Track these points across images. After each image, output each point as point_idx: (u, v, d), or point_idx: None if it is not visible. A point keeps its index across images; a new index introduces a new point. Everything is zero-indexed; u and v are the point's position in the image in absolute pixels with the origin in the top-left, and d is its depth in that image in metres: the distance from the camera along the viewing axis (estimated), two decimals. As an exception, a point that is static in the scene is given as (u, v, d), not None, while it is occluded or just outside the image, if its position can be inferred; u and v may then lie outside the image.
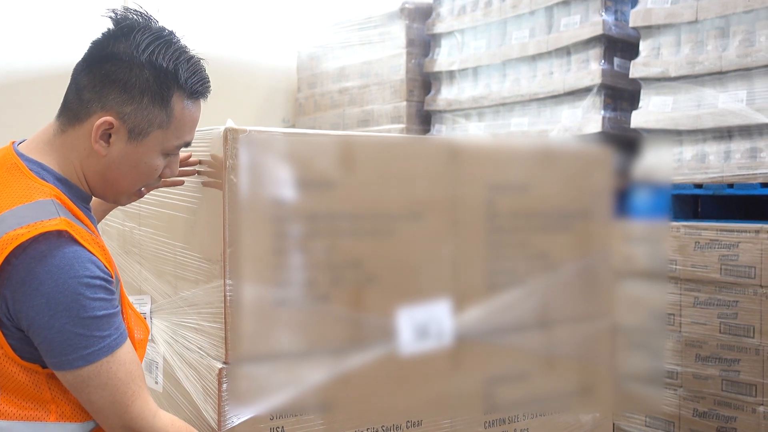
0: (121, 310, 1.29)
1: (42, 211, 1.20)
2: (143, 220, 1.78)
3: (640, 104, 2.81)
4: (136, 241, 1.82)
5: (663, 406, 2.60)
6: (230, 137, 1.43)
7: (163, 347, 1.67)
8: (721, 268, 2.46)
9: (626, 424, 2.74)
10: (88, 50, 1.31)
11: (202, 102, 1.37)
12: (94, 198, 1.41)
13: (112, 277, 1.24)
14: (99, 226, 2.07)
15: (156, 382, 1.70)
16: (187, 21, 4.24)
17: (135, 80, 1.26)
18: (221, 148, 1.43)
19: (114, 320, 1.22)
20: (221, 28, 4.37)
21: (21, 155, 1.28)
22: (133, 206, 1.81)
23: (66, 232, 1.18)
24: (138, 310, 1.73)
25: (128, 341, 1.26)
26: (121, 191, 1.37)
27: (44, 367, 1.22)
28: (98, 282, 1.20)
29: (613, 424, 2.75)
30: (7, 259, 1.15)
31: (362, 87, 4.03)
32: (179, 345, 1.61)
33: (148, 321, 1.73)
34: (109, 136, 1.27)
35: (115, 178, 1.32)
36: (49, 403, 1.23)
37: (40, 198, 1.22)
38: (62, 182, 1.28)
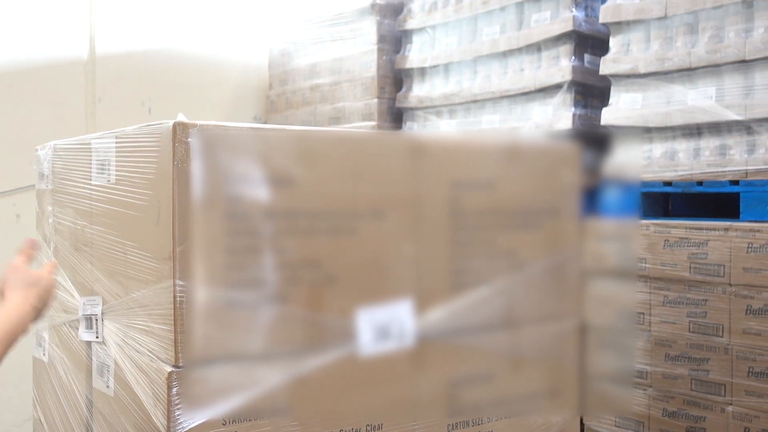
0: None
1: None
2: (94, 218, 1.72)
3: (610, 101, 2.78)
4: (87, 240, 1.76)
5: (633, 406, 2.58)
6: (180, 131, 1.38)
7: (114, 350, 1.62)
8: (690, 267, 2.44)
9: (596, 424, 2.71)
10: None
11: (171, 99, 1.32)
12: None
13: None
14: (50, 223, 2.01)
15: (107, 386, 1.65)
16: (156, 16, 4.17)
17: None
18: (170, 142, 1.38)
19: None
20: (191, 23, 4.30)
21: None
22: (85, 204, 1.76)
23: None
24: (89, 311, 1.68)
25: None
26: None
27: None
28: None
29: (583, 425, 2.73)
30: None
31: (334, 84, 3.98)
32: (130, 348, 1.55)
33: (99, 323, 1.68)
34: None
35: None
36: None
37: None
38: None
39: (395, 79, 3.80)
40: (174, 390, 1.39)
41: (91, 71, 3.98)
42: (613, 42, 2.77)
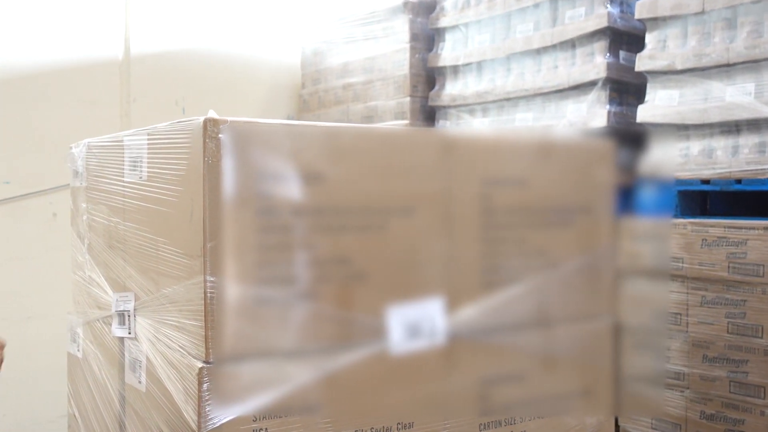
0: None
1: None
2: (127, 215, 1.73)
3: (646, 98, 2.74)
4: (120, 237, 1.77)
5: (669, 409, 2.54)
6: (210, 128, 1.38)
7: (146, 346, 1.62)
8: (728, 267, 2.39)
9: (632, 426, 2.67)
10: None
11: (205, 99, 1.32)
12: None
13: None
14: (85, 220, 2.03)
15: (139, 382, 1.66)
16: (190, 16, 4.20)
17: None
18: (201, 138, 1.38)
19: None
20: (224, 23, 4.32)
21: None
22: (118, 201, 1.77)
23: None
24: (122, 307, 1.69)
25: None
26: None
27: None
28: None
29: (619, 427, 2.69)
30: None
31: (366, 83, 3.98)
32: (161, 344, 1.56)
33: (131, 319, 1.69)
34: None
35: None
36: None
37: None
38: None
39: (428, 77, 3.78)
40: (205, 386, 1.39)
41: (126, 71, 4.02)
42: (650, 38, 2.73)
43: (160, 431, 1.56)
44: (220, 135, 1.39)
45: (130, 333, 1.70)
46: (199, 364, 1.40)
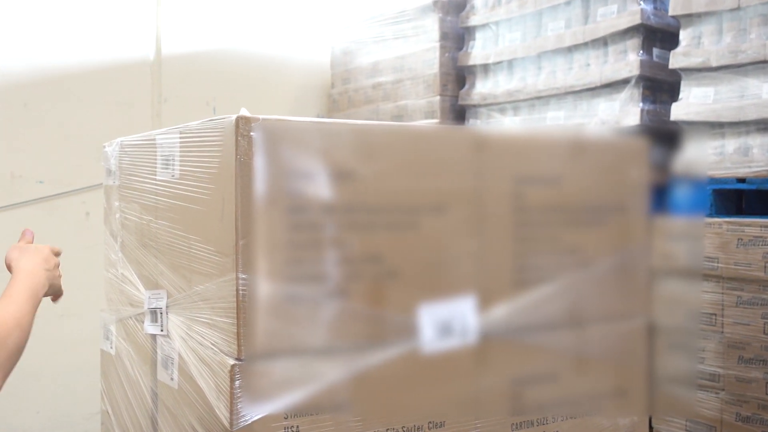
0: None
1: None
2: (159, 213, 1.74)
3: (680, 96, 2.71)
4: (153, 234, 1.79)
5: (704, 410, 2.50)
6: (242, 125, 1.38)
7: (178, 343, 1.63)
8: (765, 266, 2.35)
9: (666, 428, 2.64)
10: None
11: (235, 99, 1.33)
12: None
13: None
14: (117, 219, 2.04)
15: (171, 379, 1.66)
16: (220, 16, 4.23)
17: None
18: (233, 136, 1.39)
19: None
20: (254, 24, 4.34)
21: None
22: (150, 199, 1.78)
23: None
24: (154, 305, 1.70)
25: None
26: None
27: None
28: None
29: (652, 429, 2.66)
30: None
31: (396, 82, 3.97)
32: (193, 341, 1.57)
33: (163, 316, 1.70)
34: None
35: None
36: None
37: None
38: None
39: (458, 76, 3.77)
40: (236, 383, 1.40)
41: (158, 72, 4.05)
42: (684, 35, 2.69)
43: (192, 428, 1.57)
44: (252, 133, 1.39)
45: (162, 330, 1.71)
46: (231, 361, 1.40)
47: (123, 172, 2.00)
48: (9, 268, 1.60)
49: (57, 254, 1.72)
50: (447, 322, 1.60)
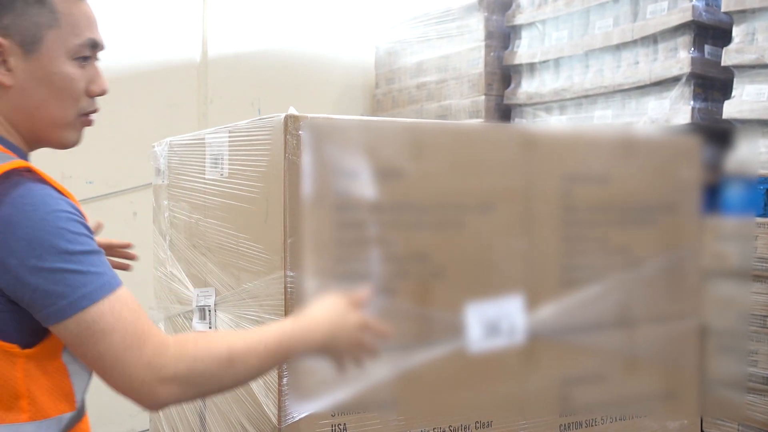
0: None
1: None
2: (208, 211, 1.76)
3: (733, 93, 2.65)
4: (201, 233, 1.80)
5: (756, 414, 2.44)
6: (291, 124, 1.39)
7: (227, 340, 1.64)
8: (820, 268, 2.29)
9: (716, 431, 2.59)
10: None
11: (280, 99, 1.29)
12: None
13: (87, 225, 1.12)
14: (166, 217, 2.06)
15: (220, 376, 1.68)
16: (265, 17, 4.26)
17: None
18: (282, 135, 1.39)
19: (104, 259, 1.09)
20: (298, 24, 4.37)
21: None
22: (199, 198, 1.80)
23: (28, 169, 1.09)
24: (203, 302, 1.71)
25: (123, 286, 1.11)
26: (56, 122, 1.20)
27: (23, 346, 1.09)
28: (76, 218, 1.07)
29: (702, 432, 2.61)
30: None
31: (440, 82, 3.96)
32: (241, 338, 1.58)
33: (212, 313, 1.71)
34: (5, 61, 1.14)
35: (38, 107, 1.17)
36: (21, 398, 1.09)
37: None
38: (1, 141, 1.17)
39: (503, 75, 3.74)
40: (284, 381, 1.40)
41: (204, 73, 4.09)
42: (737, 31, 2.63)
43: (240, 425, 1.58)
44: (300, 131, 1.40)
45: (210, 327, 1.73)
46: (279, 359, 1.41)
47: (172, 171, 2.02)
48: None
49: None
50: (494, 321, 1.58)
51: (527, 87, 3.56)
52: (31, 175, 1.08)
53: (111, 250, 1.61)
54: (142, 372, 1.06)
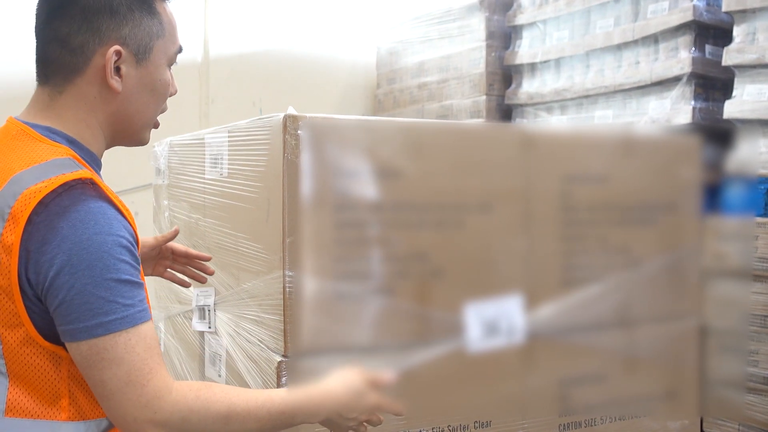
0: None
1: (60, 167, 1.11)
2: (208, 211, 1.76)
3: (734, 93, 2.65)
4: (201, 233, 1.80)
5: (757, 414, 2.44)
6: (290, 124, 1.39)
7: (226, 340, 1.64)
8: (821, 268, 2.29)
9: (716, 432, 2.58)
10: (41, 3, 1.20)
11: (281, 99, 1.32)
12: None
13: (137, 247, 1.14)
14: (166, 217, 2.06)
15: (219, 375, 1.68)
16: (266, 18, 4.26)
17: None
18: (281, 135, 1.39)
19: (139, 291, 1.10)
20: (299, 25, 4.37)
21: (26, 122, 1.20)
22: (199, 197, 1.80)
23: (91, 181, 1.10)
24: (202, 302, 1.71)
25: (152, 321, 1.13)
26: (145, 123, 1.27)
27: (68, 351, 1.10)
28: (125, 242, 1.09)
29: (703, 432, 2.61)
30: (29, 219, 1.05)
31: (441, 82, 3.96)
32: (241, 337, 1.58)
33: (211, 313, 1.71)
34: (119, 69, 1.19)
35: (137, 111, 1.24)
36: (62, 397, 1.11)
37: (55, 157, 1.13)
38: (75, 144, 1.20)
39: (504, 75, 3.74)
40: (283, 379, 1.40)
41: (205, 73, 4.10)
42: (738, 31, 2.63)
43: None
44: (299, 131, 1.40)
45: (210, 327, 1.73)
46: (278, 358, 1.41)
47: (172, 171, 2.02)
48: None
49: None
50: (494, 321, 1.58)
51: (528, 87, 3.56)
52: (93, 188, 1.10)
53: (189, 260, 1.59)
54: (137, 411, 1.07)
